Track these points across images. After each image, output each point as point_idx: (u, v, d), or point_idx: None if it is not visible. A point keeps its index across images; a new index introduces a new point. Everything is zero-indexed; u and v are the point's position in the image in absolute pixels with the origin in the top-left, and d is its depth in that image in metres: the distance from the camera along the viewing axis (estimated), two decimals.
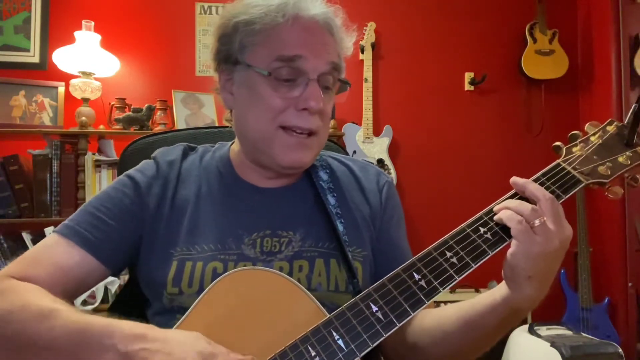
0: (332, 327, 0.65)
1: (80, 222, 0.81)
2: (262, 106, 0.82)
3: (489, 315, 0.69)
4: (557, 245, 0.64)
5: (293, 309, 0.69)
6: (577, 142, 0.78)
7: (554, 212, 0.65)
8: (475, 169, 2.87)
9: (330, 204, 0.87)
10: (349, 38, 0.89)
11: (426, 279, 0.66)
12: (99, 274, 0.82)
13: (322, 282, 0.81)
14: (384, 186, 0.95)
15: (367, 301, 0.66)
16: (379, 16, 2.86)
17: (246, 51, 0.83)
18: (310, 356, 0.63)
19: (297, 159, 0.83)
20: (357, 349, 0.63)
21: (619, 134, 0.78)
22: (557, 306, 2.71)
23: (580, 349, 2.01)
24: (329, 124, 0.89)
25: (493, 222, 0.68)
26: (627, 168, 0.75)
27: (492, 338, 0.73)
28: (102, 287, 2.18)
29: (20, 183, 2.27)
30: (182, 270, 0.79)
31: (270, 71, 0.80)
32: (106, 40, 2.51)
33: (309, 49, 0.81)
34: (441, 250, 0.68)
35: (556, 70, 2.91)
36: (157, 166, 0.89)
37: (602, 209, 2.83)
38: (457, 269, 0.66)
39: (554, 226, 0.65)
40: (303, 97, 0.80)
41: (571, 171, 0.73)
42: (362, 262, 0.85)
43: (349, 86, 0.90)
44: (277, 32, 0.80)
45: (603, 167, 0.74)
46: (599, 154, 0.76)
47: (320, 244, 0.84)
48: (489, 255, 0.67)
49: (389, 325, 0.64)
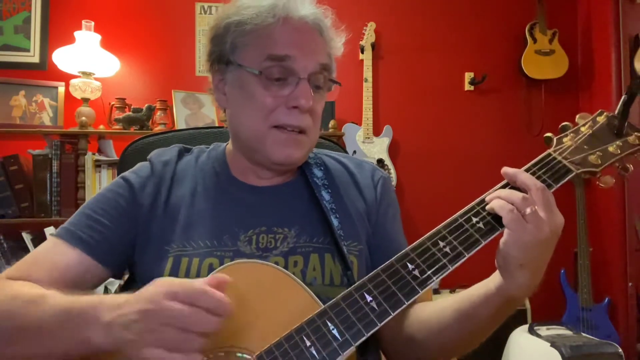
0: (326, 317, 0.65)
1: (77, 225, 0.83)
2: (254, 105, 0.84)
3: (483, 305, 0.70)
4: (548, 233, 0.65)
5: (288, 301, 0.70)
6: (567, 133, 0.79)
7: (545, 200, 0.66)
8: (475, 169, 2.86)
9: (325, 200, 0.88)
10: (338, 38, 0.91)
11: (420, 269, 0.67)
12: (98, 275, 0.83)
13: (317, 276, 0.82)
14: (379, 181, 0.96)
15: (362, 291, 0.67)
16: (379, 16, 2.86)
17: (238, 51, 0.85)
18: (305, 346, 0.63)
19: (288, 155, 0.85)
20: (352, 338, 0.63)
21: (609, 124, 0.79)
22: (557, 306, 2.70)
23: (580, 349, 2.01)
24: (320, 123, 0.91)
25: (485, 212, 0.69)
26: (618, 157, 0.76)
27: (487, 328, 0.73)
28: (102, 287, 2.18)
29: (20, 183, 2.28)
30: (178, 266, 0.80)
31: (261, 70, 0.82)
32: (106, 40, 2.51)
33: (298, 49, 0.83)
34: (434, 240, 0.69)
35: (556, 70, 2.91)
36: (151, 167, 0.91)
37: (602, 209, 2.83)
38: (450, 258, 0.67)
39: (545, 214, 0.65)
40: (293, 95, 0.82)
41: (562, 161, 0.74)
42: (357, 256, 0.86)
43: (339, 85, 0.91)
44: (268, 32, 0.83)
45: (593, 157, 0.75)
46: (589, 144, 0.77)
47: (315, 239, 0.85)
48: (482, 244, 0.67)
49: (383, 315, 0.64)
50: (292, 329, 0.65)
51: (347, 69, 2.80)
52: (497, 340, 2.33)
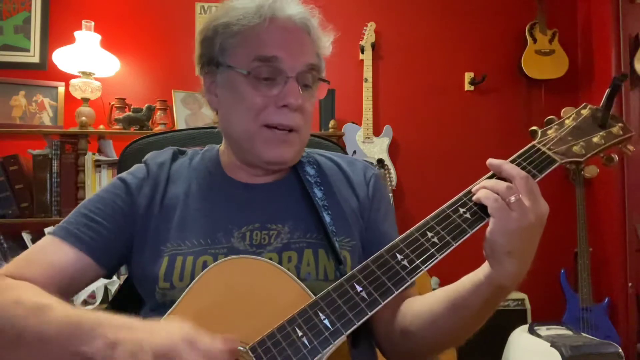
0: (318, 307, 0.66)
1: (74, 223, 0.84)
2: (244, 105, 0.85)
3: (474, 294, 0.71)
4: (532, 221, 0.66)
5: (280, 294, 0.71)
6: (552, 126, 0.82)
7: (528, 188, 0.67)
8: (475, 169, 2.85)
9: (317, 197, 0.89)
10: (326, 38, 0.91)
11: (408, 259, 0.68)
12: (92, 273, 0.84)
13: (311, 271, 0.82)
14: (371, 179, 0.97)
15: (352, 282, 0.68)
16: (379, 16, 2.86)
17: (226, 53, 0.86)
18: (297, 336, 0.64)
19: (279, 155, 0.86)
20: (343, 327, 0.64)
21: (593, 116, 0.81)
22: (557, 306, 2.70)
23: (580, 349, 2.01)
24: (311, 121, 0.91)
25: (472, 203, 0.71)
26: (602, 147, 0.78)
27: (479, 317, 0.74)
28: (102, 287, 2.18)
29: (20, 183, 2.28)
30: (173, 265, 0.81)
31: (250, 70, 0.83)
32: (106, 40, 2.52)
33: (286, 49, 0.83)
34: (422, 231, 0.70)
35: (556, 70, 2.91)
36: (147, 169, 0.92)
37: (602, 209, 2.83)
38: (438, 248, 0.68)
39: (529, 202, 0.66)
40: (282, 94, 0.83)
41: (546, 151, 0.76)
42: (350, 251, 0.86)
43: (328, 83, 0.92)
44: (255, 33, 0.84)
45: (577, 147, 0.77)
46: (573, 135, 0.79)
47: (308, 235, 0.86)
48: (469, 233, 0.69)
49: (373, 304, 0.66)
50: (284, 320, 0.66)
51: (347, 69, 2.80)
52: (497, 340, 2.33)
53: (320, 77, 0.90)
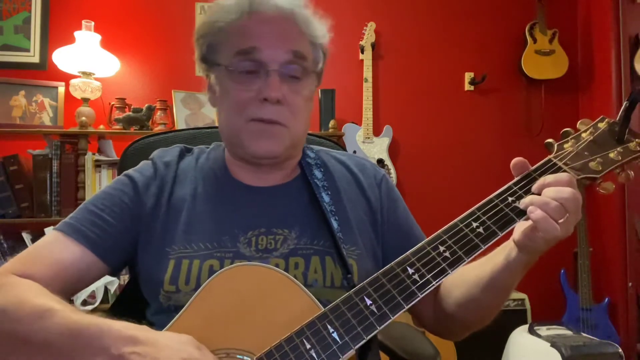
0: (326, 320, 0.65)
1: (79, 220, 0.83)
2: (230, 100, 0.85)
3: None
4: (571, 230, 0.68)
5: (288, 303, 0.70)
6: (568, 139, 0.79)
7: (576, 208, 0.68)
8: (475, 169, 2.86)
9: (325, 202, 0.88)
10: (319, 24, 0.89)
11: (419, 273, 0.67)
12: (98, 271, 0.83)
13: (318, 278, 0.82)
14: (382, 179, 0.98)
15: (361, 295, 0.67)
16: (379, 16, 2.86)
17: (214, 51, 0.87)
18: (305, 349, 0.64)
19: (265, 148, 0.85)
20: (352, 341, 0.64)
21: (610, 130, 0.79)
22: (557, 306, 2.71)
23: (580, 349, 2.01)
24: (303, 116, 0.89)
25: (485, 217, 0.70)
26: (618, 164, 0.76)
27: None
28: (102, 287, 2.18)
29: (20, 183, 2.28)
30: (179, 268, 0.80)
31: (232, 65, 0.83)
32: (106, 40, 2.51)
33: (264, 39, 0.83)
34: (434, 245, 0.70)
35: (556, 70, 2.91)
36: (154, 167, 0.91)
37: (602, 209, 2.83)
38: (450, 263, 0.68)
39: (574, 219, 0.68)
40: (262, 87, 0.82)
41: (562, 167, 0.74)
42: (356, 260, 0.85)
43: (320, 74, 0.93)
44: (236, 28, 0.84)
45: (594, 163, 0.75)
46: (590, 150, 0.76)
47: (315, 241, 0.85)
48: (482, 249, 0.69)
49: (383, 318, 0.65)
50: (292, 332, 0.65)
51: (347, 69, 2.80)
52: (497, 340, 2.33)
53: (313, 68, 0.88)
